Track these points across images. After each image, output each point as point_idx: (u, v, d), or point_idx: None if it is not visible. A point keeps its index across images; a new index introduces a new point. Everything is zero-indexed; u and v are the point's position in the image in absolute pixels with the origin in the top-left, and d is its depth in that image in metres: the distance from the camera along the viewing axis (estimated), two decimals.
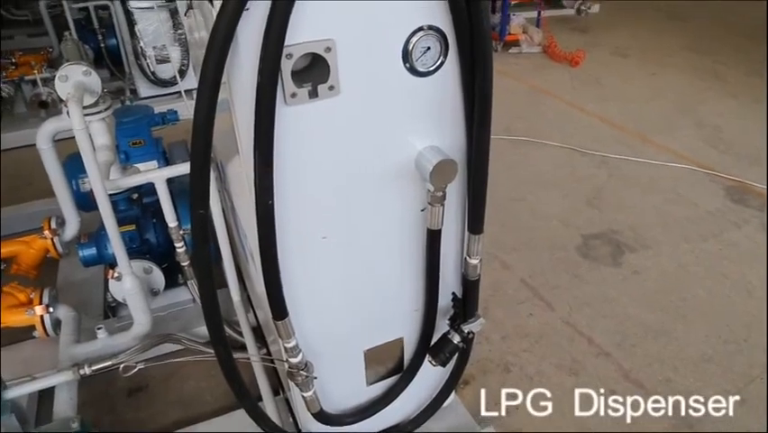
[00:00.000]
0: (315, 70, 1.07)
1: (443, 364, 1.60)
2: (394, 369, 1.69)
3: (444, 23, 1.12)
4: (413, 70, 1.15)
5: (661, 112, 4.81)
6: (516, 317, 2.58)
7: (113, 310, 2.41)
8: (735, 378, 2.25)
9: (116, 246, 1.82)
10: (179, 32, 4.37)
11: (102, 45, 4.85)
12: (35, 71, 4.36)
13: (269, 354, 2.06)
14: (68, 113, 1.59)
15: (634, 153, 4.05)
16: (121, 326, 2.20)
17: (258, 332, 2.18)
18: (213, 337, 1.41)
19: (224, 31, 0.94)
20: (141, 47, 4.41)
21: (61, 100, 1.75)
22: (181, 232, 1.97)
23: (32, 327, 2.09)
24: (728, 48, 6.24)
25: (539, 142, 4.23)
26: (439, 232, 1.37)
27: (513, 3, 6.35)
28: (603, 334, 2.47)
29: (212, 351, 1.46)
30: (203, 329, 2.16)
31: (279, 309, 1.30)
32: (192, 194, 1.17)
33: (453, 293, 1.58)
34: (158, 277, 2.18)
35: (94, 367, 1.87)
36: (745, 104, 4.86)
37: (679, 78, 5.50)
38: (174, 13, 4.32)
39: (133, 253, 2.11)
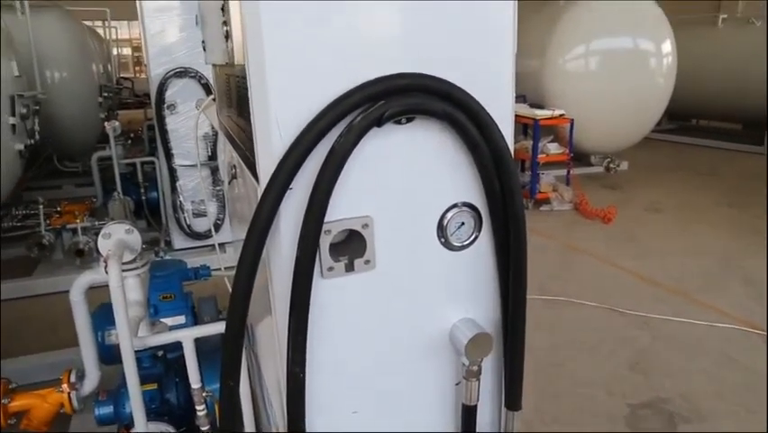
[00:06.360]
0: (351, 244, 1.09)
1: None
2: None
3: (478, 199, 1.15)
4: (447, 245, 1.16)
5: (702, 269, 4.69)
6: None
7: None
8: None
9: (136, 407, 1.74)
10: (218, 187, 4.62)
11: (143, 198, 5.18)
12: (78, 220, 4.56)
13: None
14: (105, 268, 1.62)
15: (677, 313, 3.88)
16: None
17: None
18: None
19: (268, 213, 0.98)
20: (180, 201, 4.66)
21: (98, 252, 1.79)
22: (204, 394, 1.89)
23: None
24: (764, 201, 6.21)
25: (575, 302, 4.11)
26: (475, 407, 1.28)
27: (542, 162, 6.59)
28: None
29: None
30: None
31: None
32: (224, 364, 1.14)
33: None
34: None
35: None
36: None
37: (717, 234, 5.43)
38: (215, 171, 4.59)
39: (152, 414, 2.02)
